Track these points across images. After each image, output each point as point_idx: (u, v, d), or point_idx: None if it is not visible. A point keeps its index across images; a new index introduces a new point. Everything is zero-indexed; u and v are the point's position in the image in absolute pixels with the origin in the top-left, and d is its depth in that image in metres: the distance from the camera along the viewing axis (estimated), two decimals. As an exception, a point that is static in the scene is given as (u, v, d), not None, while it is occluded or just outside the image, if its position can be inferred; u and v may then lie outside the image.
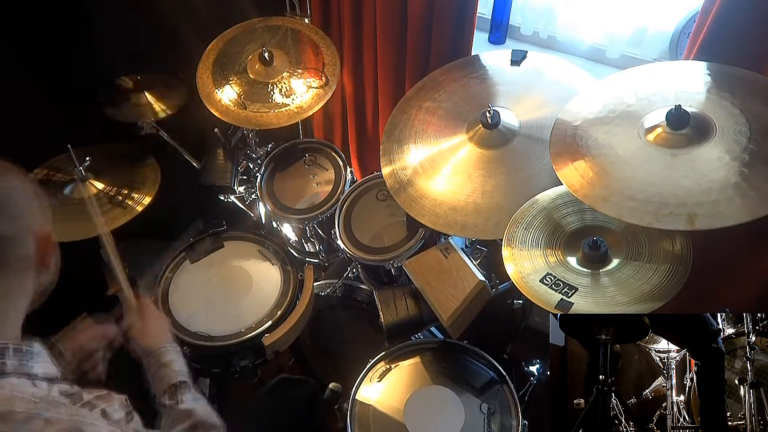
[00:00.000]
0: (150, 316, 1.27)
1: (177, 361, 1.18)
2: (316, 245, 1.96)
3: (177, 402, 1.10)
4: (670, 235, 1.25)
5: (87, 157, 1.72)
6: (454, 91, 1.65)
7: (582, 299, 1.23)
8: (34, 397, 0.75)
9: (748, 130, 1.15)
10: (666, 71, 1.37)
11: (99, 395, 0.81)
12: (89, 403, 0.79)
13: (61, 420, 0.73)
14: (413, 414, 1.45)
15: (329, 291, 1.91)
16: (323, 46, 1.86)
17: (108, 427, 0.77)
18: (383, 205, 1.80)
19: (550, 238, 1.35)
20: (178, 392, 1.11)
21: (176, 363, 1.17)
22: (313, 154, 1.97)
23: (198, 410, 1.09)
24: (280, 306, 1.73)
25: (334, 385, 1.60)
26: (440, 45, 1.78)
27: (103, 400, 0.80)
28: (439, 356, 1.57)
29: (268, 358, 1.72)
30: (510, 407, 1.46)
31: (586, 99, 1.38)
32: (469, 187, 1.49)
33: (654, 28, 1.79)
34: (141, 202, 1.72)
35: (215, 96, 1.81)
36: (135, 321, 1.25)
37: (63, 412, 0.75)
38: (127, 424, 0.81)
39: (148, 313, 1.27)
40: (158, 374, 1.15)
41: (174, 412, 1.08)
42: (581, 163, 1.25)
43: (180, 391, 1.12)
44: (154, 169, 1.82)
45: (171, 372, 1.15)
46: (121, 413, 0.81)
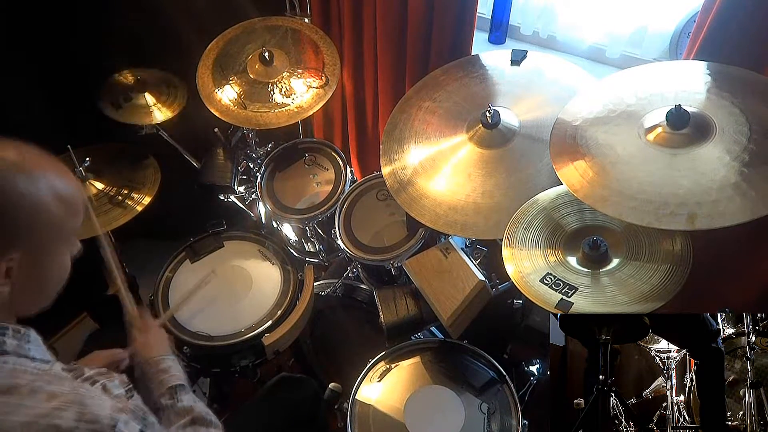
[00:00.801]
0: (151, 331, 1.30)
1: (174, 368, 1.21)
2: (316, 245, 1.96)
3: (176, 401, 1.11)
4: (670, 235, 1.25)
5: (87, 157, 1.72)
6: (454, 90, 1.65)
7: (582, 299, 1.23)
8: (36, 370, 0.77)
9: (748, 130, 1.16)
10: (666, 71, 1.37)
11: (99, 371, 0.83)
12: (90, 377, 0.81)
13: (63, 393, 0.75)
14: (413, 414, 1.45)
15: (329, 291, 1.91)
16: (323, 45, 1.86)
17: (110, 401, 0.78)
18: (383, 204, 1.80)
19: (550, 238, 1.35)
20: (177, 393, 1.13)
21: (174, 369, 1.20)
22: (313, 153, 1.97)
23: (197, 407, 1.10)
24: (280, 306, 1.73)
25: (334, 385, 1.60)
26: (440, 45, 1.78)
27: (104, 375, 0.83)
28: (439, 356, 1.57)
29: (268, 358, 1.72)
30: (510, 407, 1.46)
31: (586, 99, 1.38)
32: (469, 187, 1.49)
33: (654, 28, 1.79)
34: (141, 202, 1.73)
35: (215, 96, 1.81)
36: (137, 334, 1.28)
37: (66, 385, 0.77)
38: (128, 400, 0.82)
39: (148, 327, 1.30)
40: (156, 379, 1.16)
41: (173, 410, 1.10)
42: (581, 162, 1.25)
43: (179, 392, 1.13)
44: (154, 169, 1.82)
45: (169, 377, 1.16)
46: (121, 389, 0.83)
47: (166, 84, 1.92)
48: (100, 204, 1.70)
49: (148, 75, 1.92)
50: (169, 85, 1.92)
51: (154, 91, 1.90)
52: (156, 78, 1.93)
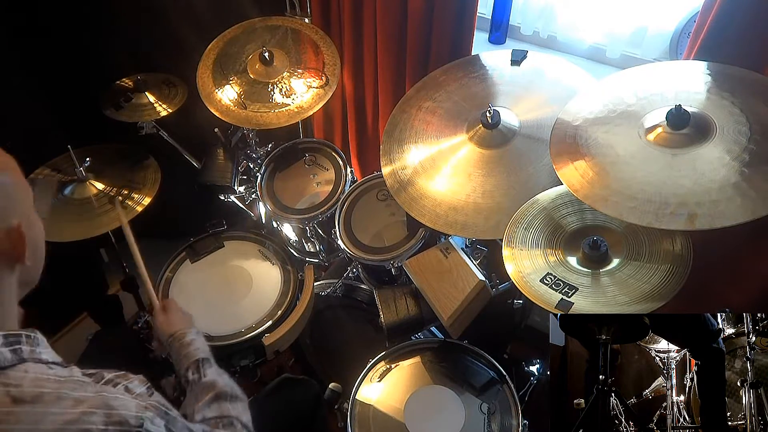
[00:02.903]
0: (174, 311, 1.35)
1: (198, 341, 1.25)
2: (316, 245, 1.96)
3: (201, 376, 1.15)
4: (670, 235, 1.25)
5: (87, 157, 1.72)
6: (454, 90, 1.65)
7: (582, 299, 1.23)
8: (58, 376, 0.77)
9: (748, 130, 1.15)
10: (666, 71, 1.37)
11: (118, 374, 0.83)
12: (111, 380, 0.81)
13: (88, 398, 0.75)
14: (413, 414, 1.45)
15: (329, 291, 1.91)
16: (323, 45, 1.86)
17: (134, 401, 0.79)
18: (383, 204, 1.80)
19: (550, 238, 1.35)
20: (201, 367, 1.17)
21: (197, 342, 1.25)
22: (313, 153, 1.97)
23: (220, 382, 1.13)
24: (280, 306, 1.73)
25: (334, 385, 1.60)
26: (440, 45, 1.78)
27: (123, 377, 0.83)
28: (440, 356, 1.57)
29: (268, 358, 1.72)
30: (510, 407, 1.46)
31: (586, 99, 1.38)
32: (469, 187, 1.49)
33: (654, 28, 1.79)
34: (141, 202, 1.72)
35: (215, 96, 1.81)
36: (159, 315, 1.34)
37: (89, 389, 0.77)
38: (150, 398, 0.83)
39: (172, 307, 1.36)
40: (181, 353, 1.22)
41: (198, 386, 1.13)
42: (581, 162, 1.25)
43: (203, 366, 1.17)
44: (154, 169, 1.82)
45: (193, 350, 1.21)
46: (142, 388, 0.84)
47: (167, 84, 1.92)
48: (100, 204, 1.70)
49: (148, 75, 1.92)
50: (170, 84, 1.92)
51: (155, 90, 1.90)
52: (156, 78, 1.93)
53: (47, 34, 1.97)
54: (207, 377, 1.14)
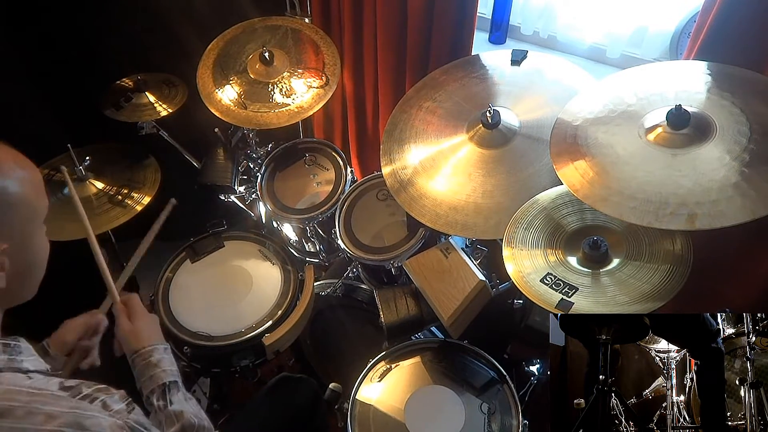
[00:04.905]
0: (138, 316, 1.21)
1: (165, 360, 1.14)
2: (316, 245, 1.96)
3: (167, 403, 1.07)
4: (670, 235, 1.25)
5: (87, 157, 1.72)
6: (454, 90, 1.65)
7: (582, 299, 1.23)
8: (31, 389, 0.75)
9: (749, 130, 1.15)
10: (666, 71, 1.36)
11: (98, 388, 0.81)
12: (89, 395, 0.78)
13: (62, 414, 0.73)
14: (413, 414, 1.45)
15: (329, 291, 1.91)
16: (323, 45, 1.86)
17: (110, 419, 0.76)
18: (383, 204, 1.80)
19: (550, 238, 1.35)
20: (167, 393, 1.09)
21: (165, 362, 1.14)
22: (313, 153, 1.97)
23: (187, 412, 1.07)
24: (280, 306, 1.73)
25: (334, 385, 1.60)
26: (440, 45, 1.78)
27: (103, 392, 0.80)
28: (440, 356, 1.57)
29: (268, 358, 1.72)
30: (510, 407, 1.46)
31: (586, 99, 1.38)
32: (469, 187, 1.49)
33: (654, 28, 1.79)
34: (141, 201, 1.73)
35: (215, 96, 1.81)
36: (122, 322, 1.20)
37: (63, 405, 0.74)
38: (129, 414, 0.81)
39: (135, 312, 1.22)
40: (146, 374, 1.11)
41: (163, 413, 1.06)
42: (581, 162, 1.25)
43: (170, 392, 1.09)
44: (154, 169, 1.82)
45: (160, 372, 1.11)
46: (121, 404, 0.81)
47: (167, 84, 1.92)
48: (100, 204, 1.70)
49: (148, 76, 1.92)
50: (170, 84, 1.92)
51: (155, 90, 1.90)
52: (156, 78, 1.93)
53: (47, 34, 1.97)
54: (173, 405, 1.07)
